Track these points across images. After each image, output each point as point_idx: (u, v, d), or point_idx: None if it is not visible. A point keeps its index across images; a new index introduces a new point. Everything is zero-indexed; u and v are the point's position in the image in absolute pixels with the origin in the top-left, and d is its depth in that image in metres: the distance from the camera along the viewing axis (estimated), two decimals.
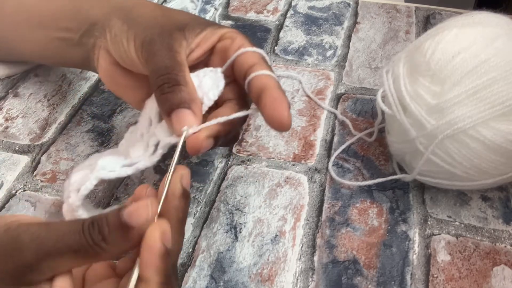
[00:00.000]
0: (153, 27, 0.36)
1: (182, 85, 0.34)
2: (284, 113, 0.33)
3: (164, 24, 0.37)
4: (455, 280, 0.37)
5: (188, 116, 0.33)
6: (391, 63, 0.42)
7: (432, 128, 0.37)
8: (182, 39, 0.36)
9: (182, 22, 0.37)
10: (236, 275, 0.38)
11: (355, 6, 0.64)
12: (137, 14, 0.38)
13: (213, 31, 0.38)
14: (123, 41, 0.37)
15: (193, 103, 0.34)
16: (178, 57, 0.35)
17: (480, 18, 0.40)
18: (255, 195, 0.43)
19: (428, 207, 0.42)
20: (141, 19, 0.37)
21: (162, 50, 0.35)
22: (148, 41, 0.35)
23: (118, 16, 0.39)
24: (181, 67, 0.35)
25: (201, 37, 0.37)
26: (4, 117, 0.51)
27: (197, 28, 0.37)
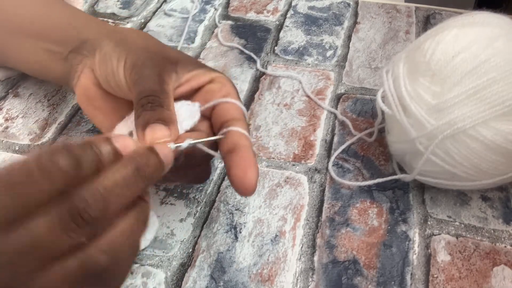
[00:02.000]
0: (146, 52, 0.37)
1: (165, 109, 0.34)
2: (252, 180, 0.34)
3: (156, 53, 0.37)
4: (455, 280, 0.37)
5: (163, 130, 0.33)
6: (391, 63, 0.42)
7: (432, 128, 0.37)
8: (173, 72, 0.36)
9: (175, 57, 0.38)
10: (236, 275, 0.38)
11: (355, 6, 0.64)
12: (131, 40, 0.39)
13: (205, 72, 0.38)
14: (112, 60, 0.37)
15: (171, 124, 0.34)
16: (166, 86, 0.35)
17: (480, 18, 0.40)
18: (255, 195, 0.43)
19: (428, 207, 0.42)
20: (134, 44, 0.38)
21: (151, 75, 0.35)
22: (139, 64, 0.35)
23: (110, 38, 0.39)
24: (167, 95, 0.35)
25: (192, 75, 0.37)
26: (4, 117, 0.51)
27: (189, 66, 0.38)
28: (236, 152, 0.35)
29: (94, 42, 0.39)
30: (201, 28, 0.62)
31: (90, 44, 0.40)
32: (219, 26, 0.62)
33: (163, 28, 0.61)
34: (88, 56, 0.39)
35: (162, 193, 0.44)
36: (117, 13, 0.64)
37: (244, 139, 0.35)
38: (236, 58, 0.57)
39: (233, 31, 0.61)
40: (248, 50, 0.58)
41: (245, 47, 0.58)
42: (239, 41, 0.59)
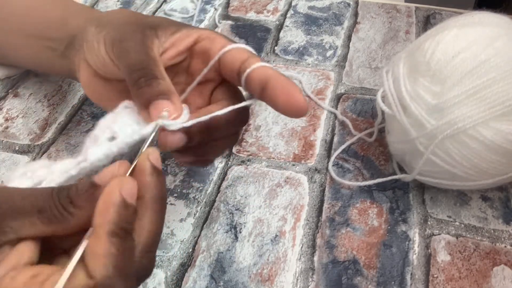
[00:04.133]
0: (123, 26, 0.36)
1: (160, 79, 0.32)
2: (300, 97, 0.32)
3: (135, 23, 0.36)
4: (455, 280, 0.37)
5: (167, 105, 0.31)
6: (391, 63, 0.42)
7: (432, 128, 0.37)
8: (154, 37, 0.35)
9: (154, 22, 0.36)
10: (236, 275, 0.38)
11: (355, 6, 0.64)
12: (109, 19, 0.38)
13: (188, 32, 0.36)
14: (94, 44, 0.36)
15: (173, 95, 0.32)
16: (151, 53, 0.34)
17: (480, 18, 0.40)
18: (255, 195, 0.43)
19: (428, 207, 0.42)
20: (111, 22, 0.37)
21: (134, 45, 0.34)
22: (118, 38, 0.34)
23: (93, 23, 0.38)
24: (156, 62, 0.33)
25: (176, 37, 0.36)
26: (4, 117, 0.51)
27: (171, 28, 0.36)
28: (272, 83, 0.33)
29: (81, 34, 0.39)
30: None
31: (79, 37, 0.39)
32: (219, 26, 0.62)
33: None
34: (80, 49, 0.39)
35: None
36: None
37: (268, 69, 0.34)
38: None
39: (233, 31, 0.61)
40: None
41: None
42: (239, 41, 0.59)
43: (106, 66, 0.36)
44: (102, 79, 0.38)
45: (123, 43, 0.34)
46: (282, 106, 0.33)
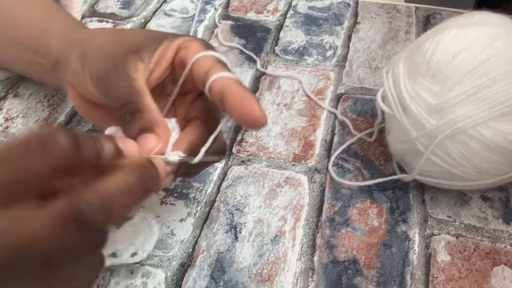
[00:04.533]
0: (106, 58, 0.35)
1: (143, 112, 0.33)
2: (254, 109, 0.31)
3: (117, 52, 0.35)
4: (455, 280, 0.37)
5: (151, 140, 0.32)
6: (391, 63, 0.42)
7: (432, 128, 0.37)
8: (138, 62, 0.35)
9: (135, 44, 0.36)
10: (236, 275, 0.38)
11: (355, 6, 0.64)
12: (90, 47, 0.37)
13: (169, 44, 0.36)
14: (80, 76, 0.36)
15: (156, 126, 0.33)
16: (135, 84, 0.34)
17: (480, 18, 0.40)
18: (255, 195, 0.43)
19: (428, 207, 0.42)
20: (93, 53, 0.36)
21: (117, 81, 0.34)
22: (102, 75, 0.34)
23: (75, 51, 0.37)
24: (139, 94, 0.33)
25: (158, 54, 0.36)
26: (4, 117, 0.51)
27: (152, 46, 0.36)
28: (227, 95, 0.32)
29: (64, 58, 0.38)
30: (201, 28, 0.62)
31: (62, 62, 0.39)
32: (219, 26, 0.62)
33: (163, 28, 0.61)
34: (66, 73, 0.38)
35: (162, 193, 0.44)
36: (117, 13, 0.64)
37: (226, 79, 0.33)
38: (236, 58, 0.57)
39: (233, 31, 0.61)
40: (248, 50, 0.58)
41: (245, 47, 0.58)
42: (239, 41, 0.59)
43: (95, 96, 0.36)
44: (92, 102, 0.38)
45: (106, 79, 0.34)
46: (238, 120, 0.32)
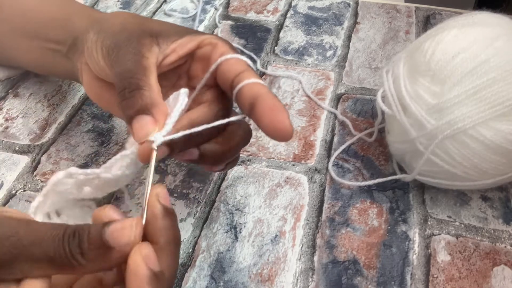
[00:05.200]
0: (120, 33, 0.35)
1: (144, 89, 0.31)
2: (285, 122, 0.31)
3: (133, 30, 0.35)
4: (455, 280, 0.37)
5: (147, 123, 0.30)
6: (391, 63, 0.42)
7: (432, 128, 0.37)
8: (153, 44, 0.34)
9: (156, 29, 0.35)
10: (236, 275, 0.38)
11: (355, 6, 0.64)
12: (108, 24, 0.37)
13: (191, 37, 0.36)
14: (93, 52, 0.36)
15: (155, 108, 0.31)
16: (144, 62, 0.33)
17: (480, 18, 0.40)
18: (255, 195, 0.43)
19: (428, 207, 0.42)
20: (110, 28, 0.36)
21: (126, 54, 0.33)
22: (113, 47, 0.34)
23: (93, 29, 0.37)
24: (146, 71, 0.33)
25: (178, 43, 0.36)
26: (4, 117, 0.51)
27: (173, 36, 0.36)
28: (260, 103, 0.32)
29: (82, 37, 0.38)
30: (201, 28, 0.62)
31: (80, 40, 0.38)
32: (219, 26, 0.62)
33: None
34: (82, 53, 0.38)
35: None
36: None
37: (260, 87, 0.33)
38: None
39: (233, 31, 0.61)
40: (248, 50, 0.58)
41: (245, 47, 0.58)
42: (239, 41, 0.59)
43: (104, 72, 0.36)
44: (103, 82, 0.38)
45: (116, 51, 0.34)
46: (266, 128, 0.31)
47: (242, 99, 0.33)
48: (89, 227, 0.26)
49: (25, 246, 0.25)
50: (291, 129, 0.31)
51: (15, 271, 0.25)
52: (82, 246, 0.25)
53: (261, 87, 0.33)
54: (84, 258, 0.25)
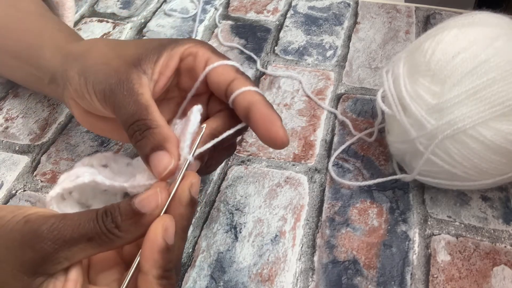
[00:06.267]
0: (109, 75, 0.35)
1: (152, 128, 0.32)
2: (279, 132, 0.32)
3: (119, 67, 0.35)
4: (455, 280, 0.37)
5: (164, 158, 0.31)
6: (391, 63, 0.42)
7: (432, 128, 0.37)
8: (141, 75, 0.34)
9: (136, 57, 0.35)
10: (236, 275, 0.38)
11: (355, 6, 0.64)
12: (90, 64, 0.36)
13: (170, 53, 0.36)
14: (85, 95, 0.36)
15: (167, 143, 0.32)
16: (142, 99, 0.33)
17: (480, 18, 0.40)
18: (255, 195, 0.43)
19: (428, 207, 0.42)
20: (95, 69, 0.36)
21: (124, 99, 0.33)
22: (108, 93, 0.34)
23: (73, 67, 0.37)
24: (148, 109, 0.33)
25: (161, 65, 0.35)
26: (4, 117, 0.51)
27: (152, 56, 0.35)
28: (253, 112, 0.33)
29: (62, 75, 0.38)
30: (201, 28, 0.62)
31: (60, 77, 0.38)
32: (219, 26, 0.62)
33: (163, 28, 0.61)
34: (65, 89, 0.38)
35: None
36: (117, 13, 0.64)
37: (252, 95, 0.34)
38: (236, 58, 0.57)
39: (233, 31, 0.61)
40: (248, 50, 0.58)
41: (245, 47, 0.58)
42: (239, 41, 0.59)
43: (99, 110, 0.36)
44: (95, 115, 0.38)
45: (112, 98, 0.34)
46: (262, 138, 0.33)
47: (237, 110, 0.34)
48: (118, 204, 0.28)
49: (66, 237, 0.27)
50: (285, 138, 0.32)
51: (61, 260, 0.27)
52: (116, 220, 0.28)
53: (254, 95, 0.34)
54: (120, 230, 0.28)
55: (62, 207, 0.34)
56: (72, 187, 0.33)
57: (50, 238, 0.27)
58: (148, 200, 0.28)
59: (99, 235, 0.27)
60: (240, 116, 0.34)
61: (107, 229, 0.28)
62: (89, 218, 0.28)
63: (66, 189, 0.33)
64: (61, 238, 0.27)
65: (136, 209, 0.28)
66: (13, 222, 0.28)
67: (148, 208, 0.28)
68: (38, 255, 0.27)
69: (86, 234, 0.27)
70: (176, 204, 0.29)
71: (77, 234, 0.27)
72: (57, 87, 0.39)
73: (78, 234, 0.27)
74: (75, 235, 0.27)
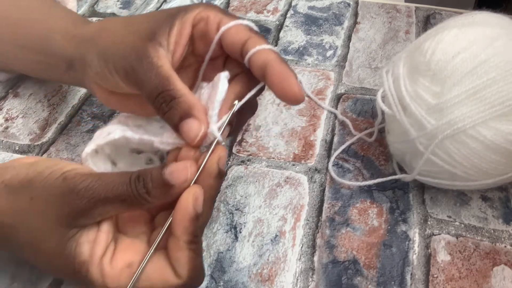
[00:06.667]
0: (127, 52, 0.35)
1: (177, 97, 0.33)
2: (294, 88, 0.33)
3: (135, 44, 0.35)
4: (455, 280, 0.37)
5: (193, 125, 0.33)
6: (391, 63, 0.42)
7: (432, 128, 0.37)
8: (158, 48, 0.35)
9: (148, 30, 0.36)
10: (236, 275, 0.38)
11: (355, 6, 0.64)
12: (106, 45, 0.37)
13: (182, 21, 0.36)
14: (107, 76, 0.36)
15: (194, 110, 0.33)
16: (163, 71, 0.34)
17: (480, 18, 0.40)
18: (255, 195, 0.43)
19: (428, 207, 0.42)
20: (112, 49, 0.36)
21: (145, 73, 0.34)
22: (129, 71, 0.35)
23: (90, 51, 0.37)
24: (170, 80, 0.34)
25: (175, 34, 0.36)
26: (4, 117, 0.51)
27: (165, 28, 0.36)
28: (269, 70, 0.34)
29: (79, 61, 0.39)
30: None
31: (78, 63, 0.39)
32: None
33: None
34: (85, 74, 0.38)
35: None
36: (117, 13, 0.64)
37: (267, 53, 0.34)
38: None
39: None
40: None
41: None
42: None
43: (124, 89, 0.37)
44: (121, 95, 0.38)
45: (134, 75, 0.35)
46: (278, 95, 0.34)
47: (253, 69, 0.35)
48: (151, 171, 0.31)
49: (100, 196, 0.30)
50: (300, 94, 0.34)
51: (95, 215, 0.30)
52: (147, 186, 0.30)
53: (268, 53, 0.34)
54: (150, 196, 0.30)
55: (96, 161, 0.36)
56: (104, 143, 0.35)
57: (86, 196, 0.30)
58: (178, 173, 0.31)
59: (131, 197, 0.30)
60: (257, 75, 0.35)
61: (138, 193, 0.30)
62: (123, 181, 0.30)
63: (100, 145, 0.35)
64: (96, 197, 0.30)
65: (166, 180, 0.30)
66: (51, 178, 0.31)
67: (177, 181, 0.30)
68: (75, 211, 0.30)
69: (119, 196, 0.30)
70: (206, 176, 0.32)
71: (111, 194, 0.30)
72: (76, 73, 0.40)
73: (112, 195, 0.30)
74: (109, 195, 0.30)
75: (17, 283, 0.38)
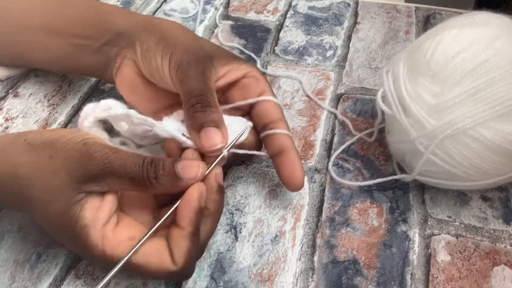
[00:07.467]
0: (189, 51, 0.39)
1: (214, 108, 0.36)
2: (300, 180, 0.39)
3: (198, 51, 0.39)
4: (455, 280, 0.37)
5: (217, 135, 0.36)
6: (391, 63, 0.42)
7: (432, 128, 0.37)
8: (212, 67, 0.39)
9: (211, 52, 0.40)
10: (236, 275, 0.38)
11: (355, 6, 0.64)
12: (171, 35, 0.40)
13: (238, 66, 0.41)
14: (156, 57, 0.39)
15: (222, 125, 0.36)
16: (210, 83, 0.38)
17: (480, 18, 0.40)
18: (255, 195, 0.43)
19: (428, 207, 0.42)
20: (176, 41, 0.39)
21: (197, 74, 0.37)
22: (185, 64, 0.38)
23: (148, 30, 0.41)
24: (212, 92, 0.37)
25: (227, 69, 0.40)
26: (4, 117, 0.51)
27: (223, 59, 0.40)
28: (283, 155, 0.39)
29: (131, 34, 0.41)
30: (201, 28, 0.62)
31: (127, 36, 0.42)
32: (219, 26, 0.62)
33: None
34: (127, 48, 0.41)
35: None
36: None
37: (288, 141, 0.40)
38: None
39: (233, 31, 0.61)
40: (248, 50, 0.58)
41: (245, 47, 0.58)
42: (239, 41, 0.59)
43: (164, 81, 0.40)
44: (144, 79, 0.41)
45: (187, 69, 0.38)
46: (283, 180, 0.40)
47: (269, 145, 0.41)
48: (164, 160, 0.33)
49: (114, 167, 0.32)
50: (302, 185, 0.39)
51: (103, 184, 0.32)
52: (157, 173, 0.32)
53: (288, 141, 0.40)
54: (157, 182, 0.32)
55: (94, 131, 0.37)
56: (104, 117, 0.37)
57: (101, 164, 0.32)
58: (189, 169, 0.33)
59: (140, 179, 0.32)
60: (269, 150, 0.41)
61: (148, 176, 0.32)
62: (136, 162, 0.32)
63: (99, 118, 0.37)
64: (109, 167, 0.32)
65: (177, 173, 0.33)
66: (72, 142, 0.33)
67: (186, 176, 0.33)
68: (87, 174, 0.32)
69: (130, 174, 0.32)
70: (209, 192, 0.34)
71: (123, 170, 0.32)
72: (111, 48, 0.43)
73: (124, 171, 0.32)
74: (122, 170, 0.32)
75: (17, 283, 0.38)
